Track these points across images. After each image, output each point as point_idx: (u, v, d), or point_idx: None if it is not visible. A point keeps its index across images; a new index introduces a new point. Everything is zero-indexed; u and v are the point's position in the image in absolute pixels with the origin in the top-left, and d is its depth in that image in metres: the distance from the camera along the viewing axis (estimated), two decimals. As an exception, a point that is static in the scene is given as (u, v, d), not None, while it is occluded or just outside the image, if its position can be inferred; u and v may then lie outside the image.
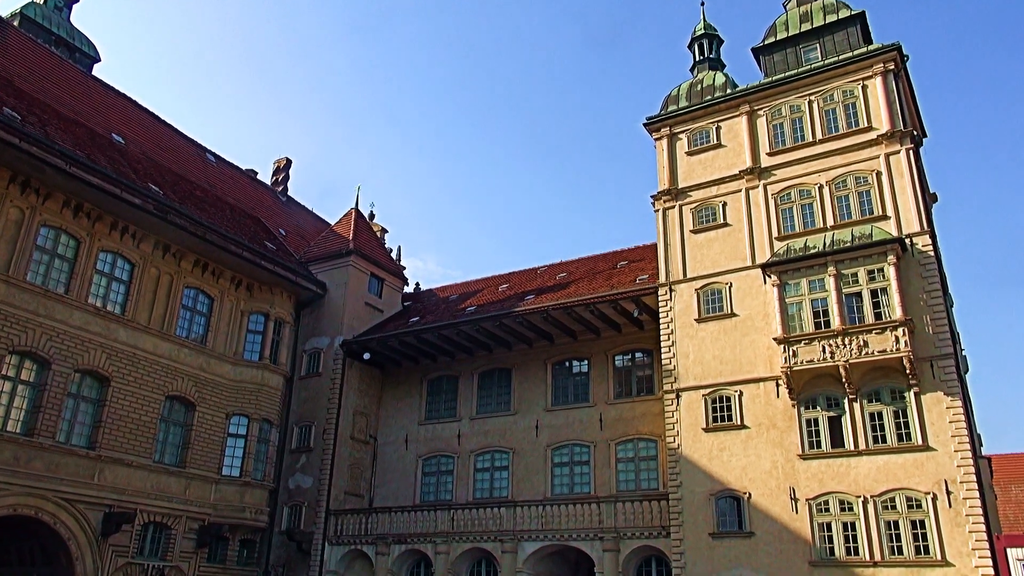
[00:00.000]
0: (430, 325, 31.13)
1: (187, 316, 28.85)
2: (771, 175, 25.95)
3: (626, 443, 28.09)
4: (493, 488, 30.14)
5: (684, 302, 25.94)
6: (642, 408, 28.07)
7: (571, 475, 28.75)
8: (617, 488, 27.53)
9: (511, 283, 34.70)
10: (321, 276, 34.08)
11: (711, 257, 26.01)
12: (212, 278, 29.86)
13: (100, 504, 24.62)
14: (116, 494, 25.07)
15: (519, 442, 30.10)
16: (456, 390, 32.46)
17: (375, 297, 35.11)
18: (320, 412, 31.81)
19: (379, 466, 32.82)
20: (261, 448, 29.91)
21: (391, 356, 33.26)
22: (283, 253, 33.73)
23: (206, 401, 28.64)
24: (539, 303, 29.27)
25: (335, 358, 32.44)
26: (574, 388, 29.96)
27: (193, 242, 28.43)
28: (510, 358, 31.63)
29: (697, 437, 24.20)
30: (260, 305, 31.30)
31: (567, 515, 25.91)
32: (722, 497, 23.27)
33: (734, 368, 24.30)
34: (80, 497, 24.12)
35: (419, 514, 28.61)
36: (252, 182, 40.37)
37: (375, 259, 35.53)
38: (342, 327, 32.84)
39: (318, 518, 30.05)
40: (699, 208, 26.89)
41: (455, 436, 31.61)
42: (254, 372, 30.26)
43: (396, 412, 33.46)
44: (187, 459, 27.57)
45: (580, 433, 28.97)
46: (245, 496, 28.79)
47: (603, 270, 31.63)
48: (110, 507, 24.81)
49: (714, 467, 23.61)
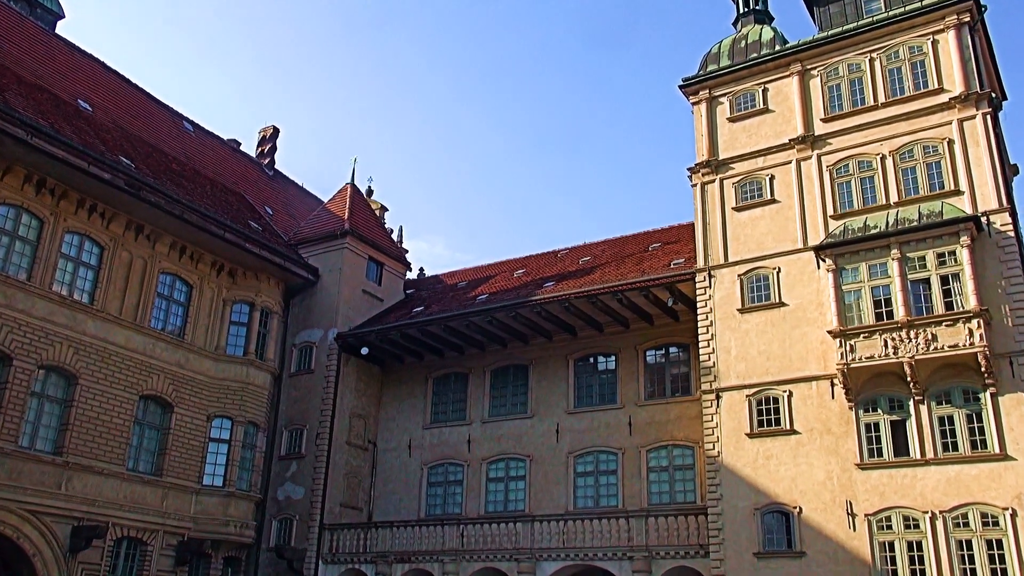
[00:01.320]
0: (436, 316, 31.21)
1: (163, 306, 29.07)
2: (826, 144, 25.76)
3: (659, 450, 28.09)
4: (508, 500, 30.26)
5: (725, 290, 25.85)
6: (677, 410, 28.06)
7: (596, 486, 28.80)
8: (648, 501, 27.57)
9: (528, 268, 34.71)
10: (313, 260, 34.22)
11: (756, 238, 25.89)
12: (190, 262, 30.06)
13: (68, 516, 24.95)
14: (86, 505, 25.39)
15: (537, 448, 30.18)
16: (465, 389, 32.55)
17: (374, 284, 35.20)
18: (312, 414, 32.02)
19: (379, 475, 33.01)
20: (247, 454, 30.15)
21: (392, 351, 33.39)
22: (270, 234, 33.88)
23: (185, 402, 28.90)
24: (560, 290, 29.27)
25: (329, 353, 32.63)
26: (599, 387, 29.97)
27: (169, 222, 28.61)
28: (527, 353, 31.67)
29: (740, 443, 24.17)
30: (244, 293, 31.47)
31: (592, 531, 25.97)
32: (768, 512, 23.26)
33: (782, 365, 24.23)
34: (45, 509, 24.44)
35: (424, 529, 28.78)
36: (235, 154, 40.53)
37: (374, 241, 35.61)
38: (337, 318, 33.00)
39: (311, 533, 30.31)
40: (743, 182, 26.76)
41: (464, 441, 31.72)
42: (238, 369, 30.47)
43: (398, 414, 33.62)
44: (164, 467, 27.86)
45: (606, 439, 29.01)
46: (229, 508, 29.08)
47: (633, 253, 31.57)
48: (79, 520, 25.13)
49: (759, 478, 23.59)
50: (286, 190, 42.78)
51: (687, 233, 30.58)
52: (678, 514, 25.12)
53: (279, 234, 35.17)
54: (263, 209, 37.15)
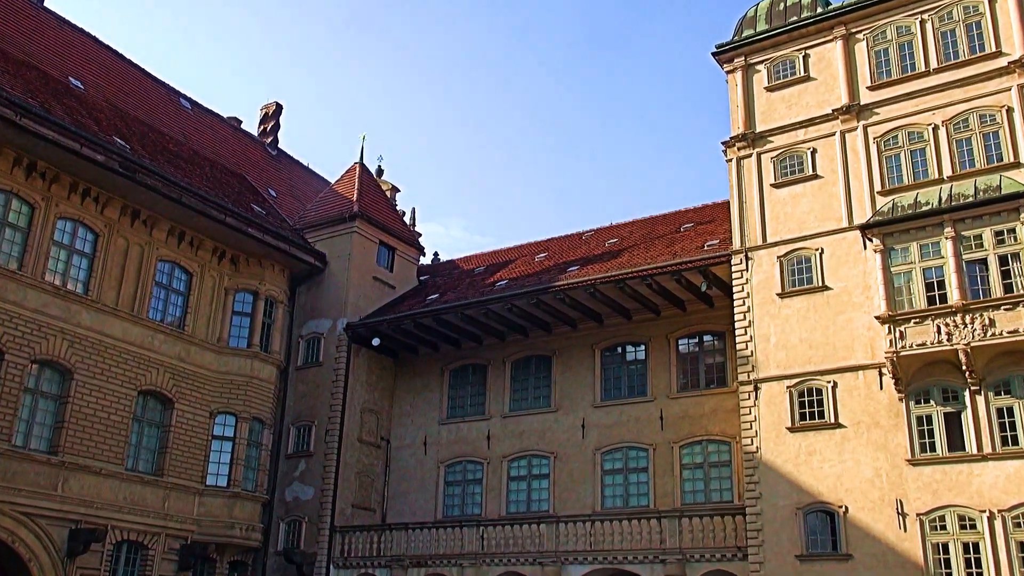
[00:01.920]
0: (452, 304, 31.24)
1: (161, 295, 29.25)
2: (873, 114, 25.48)
3: (692, 446, 28.03)
4: (531, 501, 30.31)
5: (764, 273, 25.69)
6: (712, 403, 27.96)
7: (625, 485, 28.79)
8: (682, 500, 27.55)
9: (550, 251, 34.65)
10: (320, 246, 34.32)
11: (797, 217, 25.70)
12: (190, 249, 30.20)
13: (65, 519, 25.21)
14: (83, 507, 25.64)
15: (561, 445, 30.20)
16: (484, 382, 32.60)
17: (385, 270, 35.27)
18: (321, 409, 32.18)
19: (393, 474, 33.15)
20: (252, 453, 30.36)
21: (405, 341, 33.46)
22: (274, 218, 33.98)
23: (186, 397, 29.10)
24: (584, 275, 29.20)
25: (338, 344, 32.75)
26: (628, 379, 29.92)
27: (166, 206, 28.74)
28: (550, 343, 31.64)
29: (780, 438, 24.07)
30: (247, 281, 31.61)
31: (621, 533, 25.98)
32: (812, 511, 23.16)
33: (826, 354, 24.08)
34: (41, 511, 24.71)
35: (442, 532, 28.89)
36: (235, 133, 40.66)
37: (385, 224, 35.66)
38: (346, 307, 33.09)
39: (321, 536, 30.51)
40: (782, 156, 26.54)
41: (484, 438, 31.78)
42: (242, 362, 30.64)
43: (412, 409, 33.72)
44: (165, 466, 28.09)
45: (636, 434, 28.97)
46: (234, 510, 29.30)
47: (663, 234, 31.43)
48: (77, 523, 25.39)
49: (801, 475, 23.48)
50: (290, 171, 42.90)
51: (722, 212, 30.41)
52: (714, 514, 25.08)
53: (283, 218, 35.27)
54: (266, 191, 37.26)
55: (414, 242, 37.43)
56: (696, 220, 31.71)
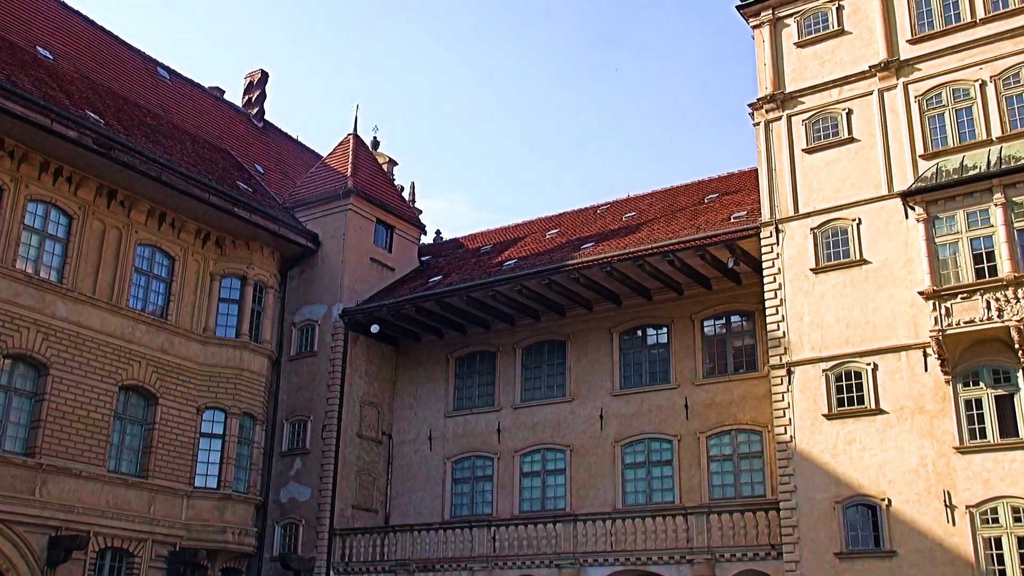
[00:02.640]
0: (456, 286, 31.27)
1: (142, 282, 29.33)
2: (914, 70, 25.31)
3: (721, 436, 28.07)
4: (545, 498, 30.42)
5: (796, 246, 25.61)
6: (741, 389, 27.97)
7: (648, 479, 28.86)
8: (710, 495, 27.62)
9: (563, 227, 34.62)
10: (312, 225, 34.35)
11: (832, 184, 25.60)
12: (172, 231, 30.27)
13: (44, 526, 25.39)
14: (63, 513, 25.83)
15: (578, 437, 30.27)
16: (493, 371, 32.67)
17: (383, 251, 35.29)
18: (317, 403, 32.30)
19: (396, 472, 33.28)
20: (243, 451, 30.50)
21: (407, 328, 33.52)
22: (261, 196, 34.01)
23: (171, 392, 29.24)
24: (600, 252, 29.17)
25: (334, 332, 32.83)
26: (650, 365, 29.94)
27: (145, 185, 28.78)
28: (564, 327, 31.66)
29: (816, 426, 24.06)
30: (234, 265, 31.67)
31: (644, 532, 26.08)
32: (852, 505, 23.19)
33: (865, 333, 24.04)
34: (18, 517, 24.88)
35: (450, 533, 29.02)
36: (218, 104, 40.64)
37: (382, 201, 35.65)
38: (342, 291, 33.15)
39: (320, 540, 30.69)
40: (815, 119, 26.43)
41: (493, 431, 31.86)
42: (230, 353, 30.76)
43: (416, 401, 33.83)
44: (150, 467, 28.27)
45: (659, 424, 29.01)
46: (225, 513, 29.48)
47: (686, 206, 31.36)
48: (57, 530, 25.57)
49: (840, 466, 23.50)
50: (279, 145, 42.86)
51: (749, 181, 30.29)
52: (745, 510, 25.12)
53: (272, 196, 35.29)
54: (253, 168, 37.26)
55: (414, 220, 37.39)
56: (721, 190, 31.60)
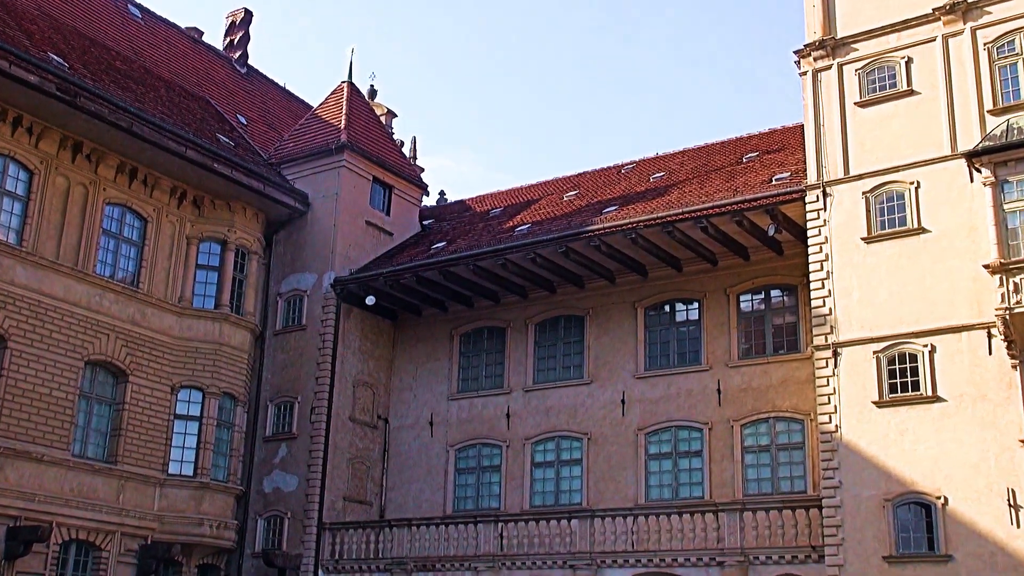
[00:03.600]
0: (462, 253, 31.23)
1: (111, 246, 29.38)
2: (984, 13, 25.06)
3: (757, 424, 28.07)
4: (559, 491, 30.50)
5: (845, 212, 25.48)
6: (781, 372, 27.95)
7: (674, 472, 28.91)
8: (744, 490, 27.66)
9: (582, 189, 34.49)
10: (301, 184, 34.32)
11: (888, 143, 25.43)
12: (144, 189, 30.24)
13: (1, 516, 25.54)
14: (22, 501, 25.96)
15: (597, 424, 30.32)
16: (503, 349, 32.71)
17: (380, 214, 35.25)
18: (305, 383, 32.37)
19: (392, 460, 33.40)
20: (223, 435, 30.62)
21: (406, 300, 33.54)
22: (245, 151, 33.95)
23: (142, 369, 29.34)
24: (624, 217, 29.07)
25: (325, 304, 32.86)
26: (678, 344, 29.94)
27: (114, 137, 28.72)
28: (582, 300, 31.64)
29: (865, 415, 24.01)
30: (214, 228, 31.66)
31: (669, 530, 26.12)
32: (903, 503, 23.17)
33: (922, 311, 23.95)
34: (-28, 506, 25.12)
35: (452, 529, 29.14)
36: (196, 47, 40.50)
37: (380, 157, 35.56)
38: (334, 259, 33.16)
39: (307, 535, 30.84)
40: (869, 68, 26.23)
41: (502, 416, 31.93)
42: (208, 326, 30.83)
43: (415, 382, 33.89)
44: (119, 452, 28.40)
45: (688, 410, 29.02)
46: (202, 503, 29.64)
47: (721, 166, 31.20)
48: (15, 520, 25.69)
49: (890, 459, 23.46)
50: (264, 93, 42.72)
51: (793, 138, 30.08)
52: (783, 507, 25.14)
53: (256, 150, 35.22)
54: (235, 118, 37.16)
55: (416, 179, 37.26)
56: (762, 148, 31.42)
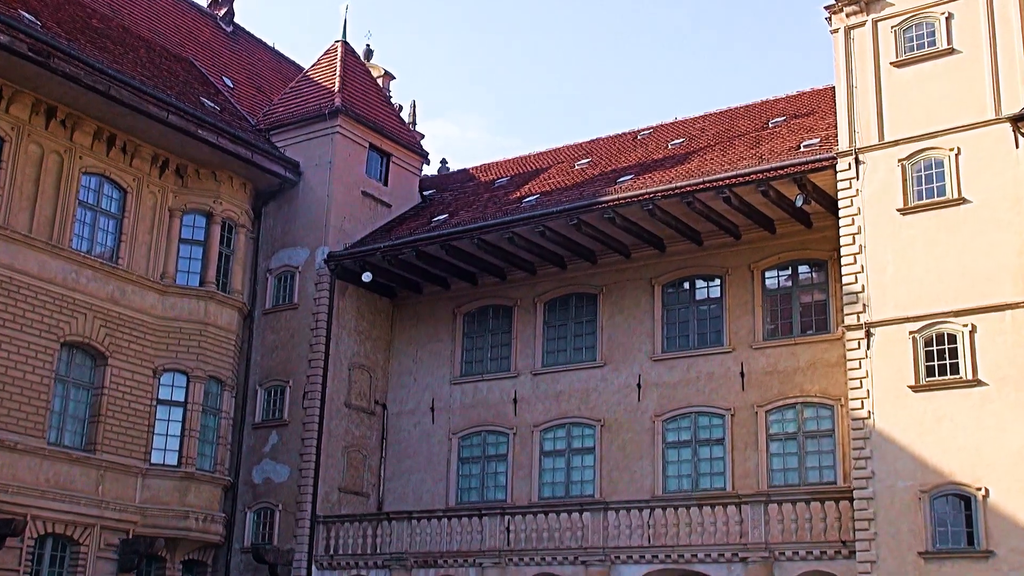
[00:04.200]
0: (466, 227, 31.13)
1: (88, 219, 29.34)
2: (1030, -35, 24.82)
3: (783, 410, 28.03)
4: (570, 482, 30.52)
5: (880, 181, 25.33)
6: (809, 354, 27.90)
7: (694, 461, 28.90)
8: (769, 481, 27.64)
9: (595, 156, 34.38)
10: (292, 152, 34.23)
11: (926, 106, 25.26)
12: (123, 158, 30.19)
13: (-28, 508, 25.68)
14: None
15: (611, 410, 30.30)
16: (510, 329, 32.68)
17: (378, 183, 35.16)
18: (297, 366, 32.36)
19: (391, 449, 33.41)
20: (209, 422, 30.66)
21: (406, 277, 33.49)
22: (231, 116, 33.85)
23: (122, 351, 29.34)
24: (640, 187, 28.93)
25: (318, 281, 32.80)
26: (698, 324, 29.88)
27: (91, 101, 28.63)
28: (595, 277, 31.58)
29: (900, 400, 23.91)
30: (199, 199, 31.61)
31: (688, 524, 26.10)
32: (940, 495, 23.12)
33: (962, 288, 23.83)
34: (-59, 497, 25.19)
35: (455, 523, 29.16)
36: (178, 4, 40.39)
37: (376, 123, 35.44)
38: (327, 232, 33.08)
39: (300, 529, 30.88)
40: (906, 25, 26.03)
41: (509, 401, 31.93)
42: (193, 305, 30.82)
43: (416, 365, 33.89)
44: (98, 440, 28.44)
45: (709, 395, 29.01)
46: (188, 495, 29.68)
47: (746, 132, 31.09)
48: (-12, 512, 25.82)
49: (927, 448, 23.38)
50: (252, 54, 42.54)
51: (824, 102, 29.99)
52: (811, 499, 25.10)
53: (244, 115, 35.13)
54: (220, 81, 37.02)
55: (416, 146, 37.13)
56: (789, 113, 31.33)
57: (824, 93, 30.57)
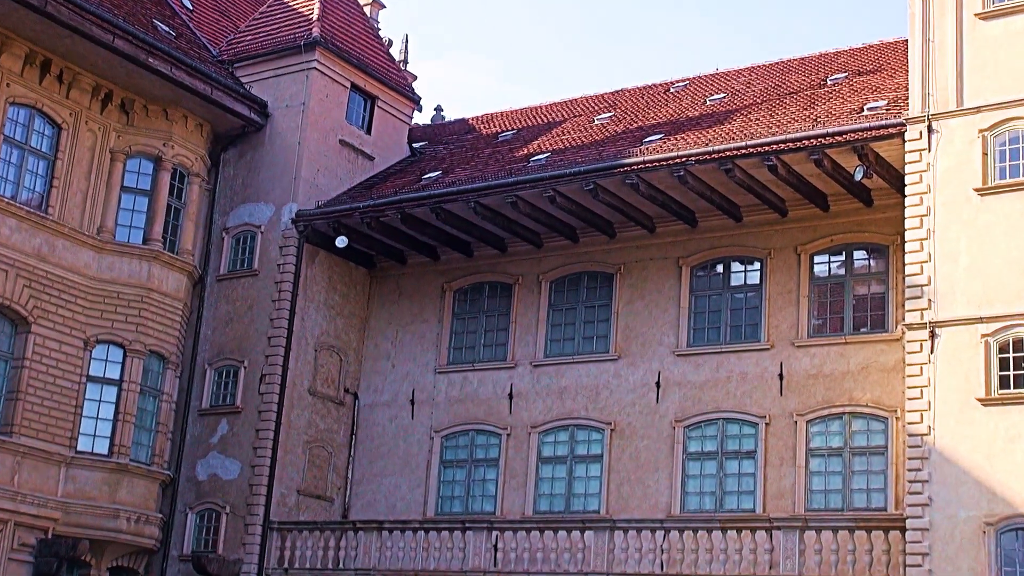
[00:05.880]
0: (461, 187, 31.05)
1: (14, 158, 29.32)
2: None
3: (828, 421, 28.03)
4: (572, 495, 30.54)
5: (956, 155, 25.26)
6: (862, 356, 27.86)
7: (720, 476, 28.93)
8: (807, 504, 27.64)
9: (618, 110, 34.34)
10: (259, 89, 34.18)
11: (1015, 68, 25.16)
12: (59, 88, 30.15)
13: None
14: None
15: (624, 411, 30.30)
16: (508, 311, 32.72)
17: (359, 131, 35.13)
18: (255, 343, 32.38)
19: (362, 446, 33.46)
20: (147, 405, 30.64)
21: (388, 244, 33.54)
22: (188, 43, 33.72)
23: (49, 317, 29.34)
24: (670, 149, 28.81)
25: (283, 244, 32.80)
26: (732, 314, 29.93)
27: (22, 18, 28.48)
28: (612, 254, 31.61)
29: (967, 415, 23.83)
30: (146, 141, 31.56)
31: (710, 549, 26.14)
32: (1010, 528, 23.05)
33: (1048, 286, 23.85)
34: None
35: (434, 537, 29.17)
36: (130, -93, 40.07)
37: (361, 59, 35.37)
38: (297, 186, 33.05)
39: (250, 535, 30.91)
40: (996, -31, 25.95)
41: (504, 396, 31.94)
42: (135, 266, 30.78)
43: (395, 348, 33.91)
44: (15, 420, 28.44)
45: (740, 399, 29.03)
46: (119, 490, 29.66)
47: (799, 90, 31.12)
48: None
49: (997, 472, 23.31)
50: (216, -30, 42.36)
51: (893, 58, 30.04)
52: (856, 527, 25.09)
53: (204, 44, 35.00)
54: (178, 2, 36.81)
55: (406, 89, 37.04)
56: (852, 69, 31.29)
57: (894, 47, 30.58)
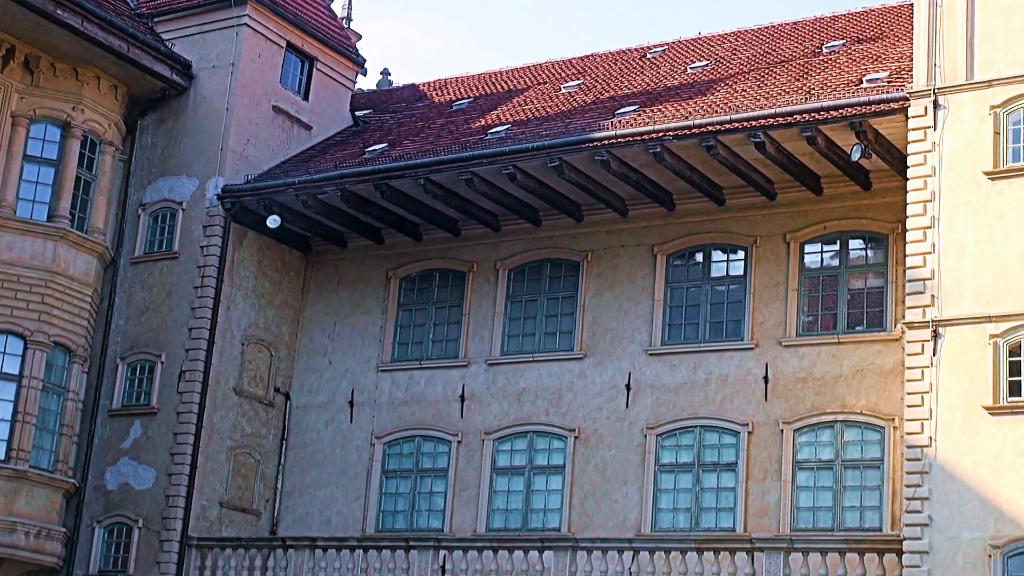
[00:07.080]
0: (410, 162, 31.00)
1: (-102, 121, 29.10)
2: None
3: (818, 430, 28.15)
4: (530, 510, 30.61)
5: (964, 133, 25.38)
6: (856, 358, 27.98)
7: (696, 491, 28.99)
8: (793, 523, 27.74)
9: (588, 78, 34.50)
10: (182, 48, 34.12)
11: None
12: (-49, 42, 29.92)
13: None
14: None
15: (589, 417, 30.37)
16: (461, 302, 32.78)
17: (296, 97, 35.16)
18: (174, 335, 32.32)
19: (294, 453, 33.45)
20: (50, 404, 30.58)
21: (326, 224, 33.53)
22: (103, -6, 33.52)
23: (-63, 301, 29.17)
24: (645, 122, 28.85)
25: (208, 223, 32.75)
26: (712, 309, 30.02)
27: (-90, -39, 28.32)
28: (578, 240, 31.69)
29: (972, 424, 23.93)
30: (52, 104, 31.55)
31: (684, 572, 26.18)
32: (1018, 552, 23.14)
33: (1064, 281, 24.02)
34: None
35: (374, 556, 29.14)
36: None
37: (299, 15, 35.42)
38: (224, 158, 33.01)
39: (165, 553, 30.82)
40: (1011, -74, 26.01)
41: (455, 398, 32.00)
42: (37, 246, 30.72)
43: (333, 343, 33.95)
44: None
45: (720, 404, 29.11)
46: (16, 501, 29.60)
47: (791, 58, 31.30)
48: None
49: (1004, 488, 23.40)
50: (135, -87, 42.13)
51: (897, 24, 30.23)
52: (847, 549, 25.13)
53: (120, -6, 34.80)
54: (92, -54, 36.66)
55: (349, 50, 37.06)
56: (850, 36, 31.48)
57: (897, 12, 30.80)
